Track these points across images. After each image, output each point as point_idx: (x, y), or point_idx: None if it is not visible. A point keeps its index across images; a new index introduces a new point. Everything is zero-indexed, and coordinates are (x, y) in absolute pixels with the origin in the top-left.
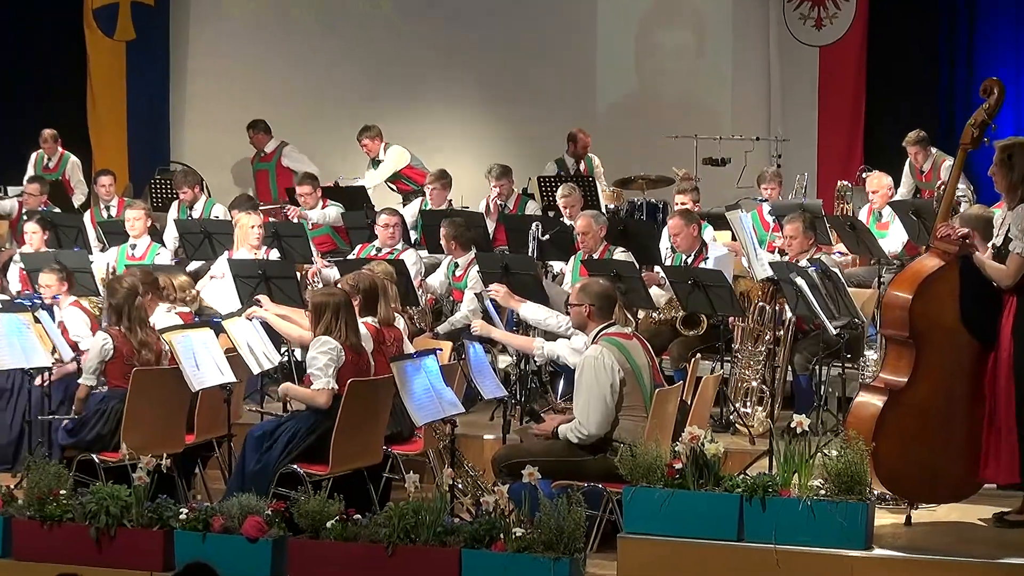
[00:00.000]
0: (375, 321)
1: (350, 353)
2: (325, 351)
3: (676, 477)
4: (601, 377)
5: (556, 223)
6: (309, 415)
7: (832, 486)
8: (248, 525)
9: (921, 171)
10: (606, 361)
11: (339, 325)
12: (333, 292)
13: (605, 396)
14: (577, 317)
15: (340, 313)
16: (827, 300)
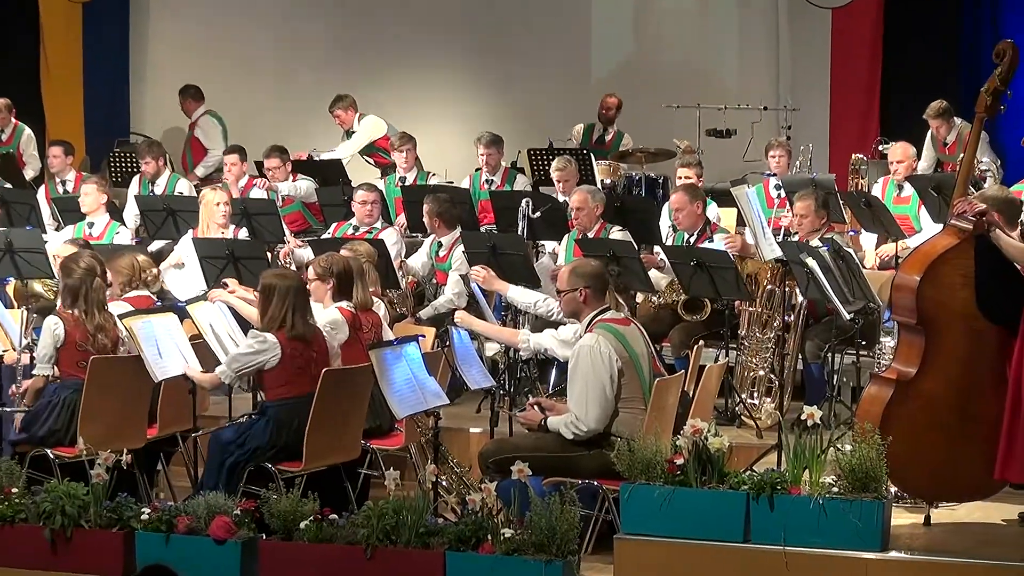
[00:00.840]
0: (351, 306)
1: (294, 344)
2: (255, 349)
3: (677, 474)
4: (598, 368)
5: (548, 199)
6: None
7: (846, 483)
8: (215, 526)
9: (944, 143)
10: (603, 350)
11: (284, 312)
12: (284, 274)
13: (603, 388)
14: (570, 304)
15: (288, 299)
16: (840, 282)
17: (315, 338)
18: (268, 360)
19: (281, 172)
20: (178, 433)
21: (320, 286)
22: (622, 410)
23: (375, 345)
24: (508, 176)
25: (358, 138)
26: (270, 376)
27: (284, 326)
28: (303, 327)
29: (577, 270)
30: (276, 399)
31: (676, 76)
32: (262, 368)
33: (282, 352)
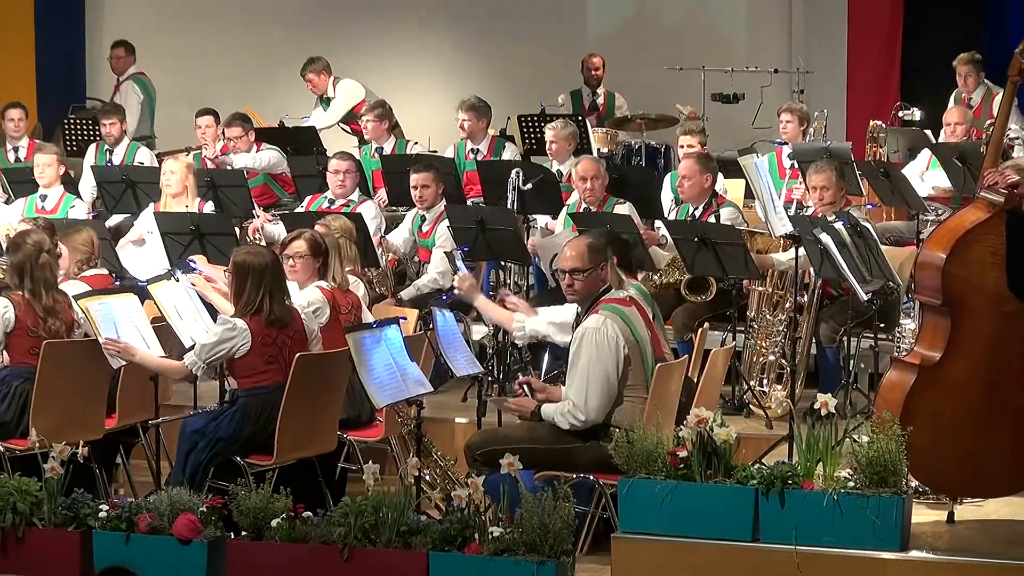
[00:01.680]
0: (329, 285)
1: (267, 330)
2: (224, 337)
3: (680, 467)
4: (603, 353)
5: (540, 170)
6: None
7: (863, 477)
8: (179, 524)
9: (969, 105)
10: (610, 334)
11: (260, 296)
12: (258, 252)
13: (607, 375)
14: (591, 284)
15: (263, 280)
16: (857, 260)
17: (292, 322)
18: (237, 348)
19: (243, 142)
20: (139, 424)
21: (309, 263)
22: (624, 399)
23: (353, 328)
24: (496, 145)
25: (338, 105)
26: (241, 364)
27: (260, 311)
28: (280, 311)
29: (594, 244)
30: (247, 388)
31: (679, 36)
32: (231, 357)
33: (252, 339)
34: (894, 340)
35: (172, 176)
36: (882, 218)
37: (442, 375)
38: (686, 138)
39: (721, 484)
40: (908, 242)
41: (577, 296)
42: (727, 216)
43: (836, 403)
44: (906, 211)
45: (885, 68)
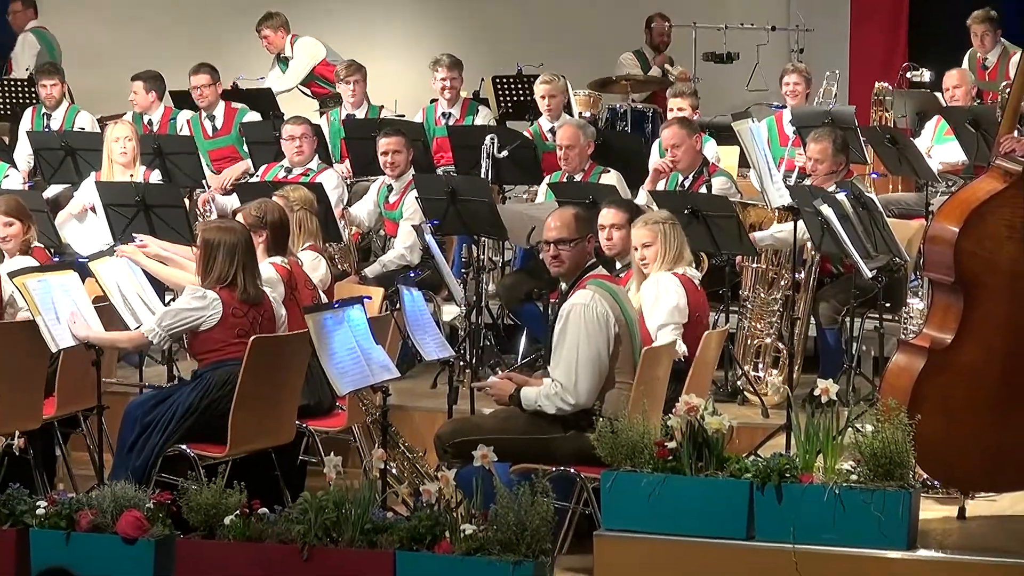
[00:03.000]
0: (285, 262)
1: (242, 308)
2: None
3: (668, 459)
4: (592, 331)
5: (516, 136)
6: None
7: (866, 470)
8: (124, 522)
9: (984, 66)
10: (599, 310)
11: (233, 272)
12: (230, 227)
13: (598, 355)
14: (577, 256)
15: (236, 255)
16: (861, 233)
17: (263, 303)
18: (206, 319)
19: (210, 92)
20: (80, 412)
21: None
22: (613, 383)
23: (312, 309)
24: (468, 108)
25: (298, 65)
26: (207, 338)
27: (234, 286)
28: (254, 289)
29: (583, 216)
30: (212, 363)
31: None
32: (196, 329)
33: (223, 310)
34: (901, 321)
35: (128, 143)
36: (888, 189)
37: (410, 359)
38: (675, 101)
39: (713, 477)
40: (916, 215)
41: (562, 269)
42: (719, 186)
43: (838, 389)
44: (914, 181)
45: (892, 25)
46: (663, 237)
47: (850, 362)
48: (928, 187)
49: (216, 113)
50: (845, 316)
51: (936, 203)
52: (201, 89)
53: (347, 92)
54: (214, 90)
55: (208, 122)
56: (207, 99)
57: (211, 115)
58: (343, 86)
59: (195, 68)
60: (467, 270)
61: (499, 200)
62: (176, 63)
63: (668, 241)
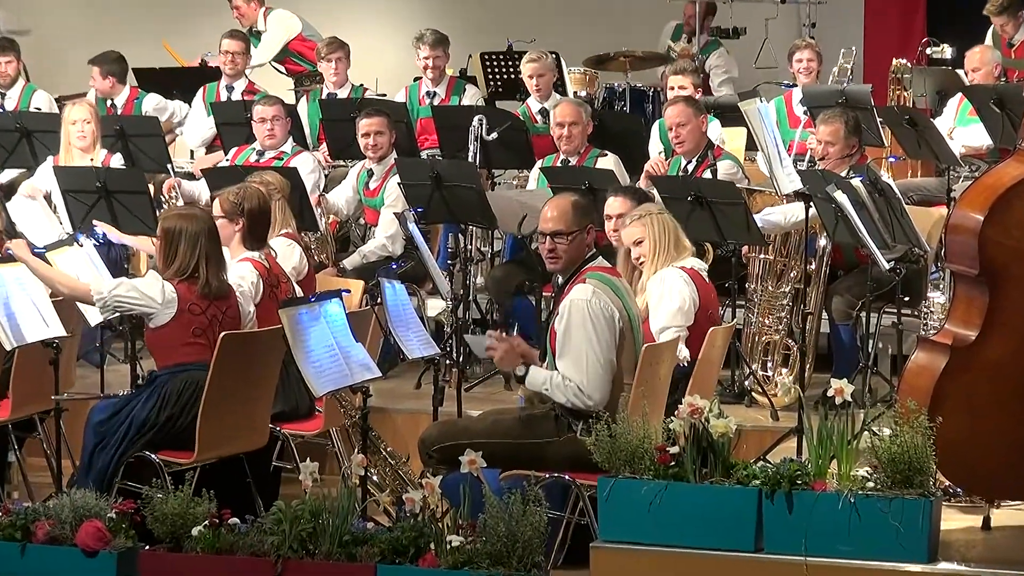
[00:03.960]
0: (263, 257)
1: (202, 304)
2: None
3: (670, 465)
4: (600, 328)
5: (506, 116)
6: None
7: (884, 477)
8: (84, 533)
9: (1010, 43)
10: (603, 305)
11: (195, 263)
12: (192, 214)
13: (609, 354)
14: (576, 250)
15: (199, 245)
16: (878, 222)
17: (228, 297)
18: (156, 315)
19: (242, 59)
20: (36, 415)
21: (226, 227)
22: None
23: (286, 303)
24: (455, 87)
25: (271, 39)
26: (162, 335)
27: (195, 278)
28: (217, 282)
29: (582, 205)
30: (169, 366)
31: None
32: (143, 318)
33: (179, 307)
34: (921, 316)
35: (86, 126)
36: (907, 174)
37: (392, 358)
38: (676, 79)
39: (718, 485)
40: (937, 201)
41: (559, 265)
42: (725, 170)
43: (853, 390)
44: (935, 165)
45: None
46: (652, 230)
47: (866, 360)
48: (950, 172)
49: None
50: (860, 311)
51: (958, 189)
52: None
53: (328, 71)
54: (245, 59)
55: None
56: (240, 66)
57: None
58: (324, 64)
59: (227, 33)
60: (453, 261)
61: (488, 186)
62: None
63: (659, 233)
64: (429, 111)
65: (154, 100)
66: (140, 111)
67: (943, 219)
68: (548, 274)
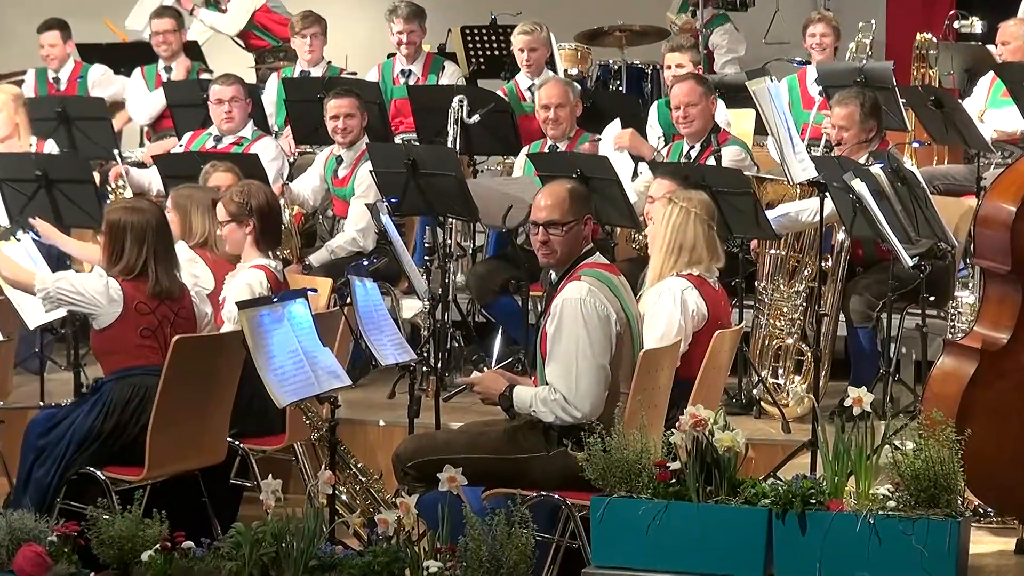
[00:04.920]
0: (276, 265)
1: (150, 303)
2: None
3: (671, 482)
4: (593, 330)
5: (489, 97)
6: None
7: (907, 495)
8: (22, 558)
9: None
10: (598, 305)
11: (143, 261)
12: (138, 207)
13: (601, 359)
14: (572, 243)
15: (146, 242)
16: (900, 214)
17: (181, 297)
18: (101, 311)
19: (58, 52)
20: None
21: (236, 231)
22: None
23: (247, 304)
24: (432, 65)
25: (240, 7)
26: (108, 337)
27: (144, 277)
28: (168, 281)
29: (579, 193)
30: (116, 371)
31: None
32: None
33: (125, 306)
34: (947, 318)
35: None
36: (933, 161)
37: (363, 364)
38: (673, 56)
39: (724, 505)
40: (966, 191)
41: (552, 260)
42: (731, 157)
43: (872, 399)
44: (963, 151)
45: None
46: (672, 224)
47: (887, 367)
48: (980, 158)
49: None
50: (881, 312)
51: (989, 177)
52: (48, 51)
53: (303, 47)
54: (62, 49)
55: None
56: (53, 63)
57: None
58: (298, 40)
59: (42, 26)
60: (431, 257)
61: (469, 174)
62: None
63: (677, 232)
64: (404, 91)
65: (99, 71)
66: (86, 86)
67: (972, 211)
68: (536, 272)
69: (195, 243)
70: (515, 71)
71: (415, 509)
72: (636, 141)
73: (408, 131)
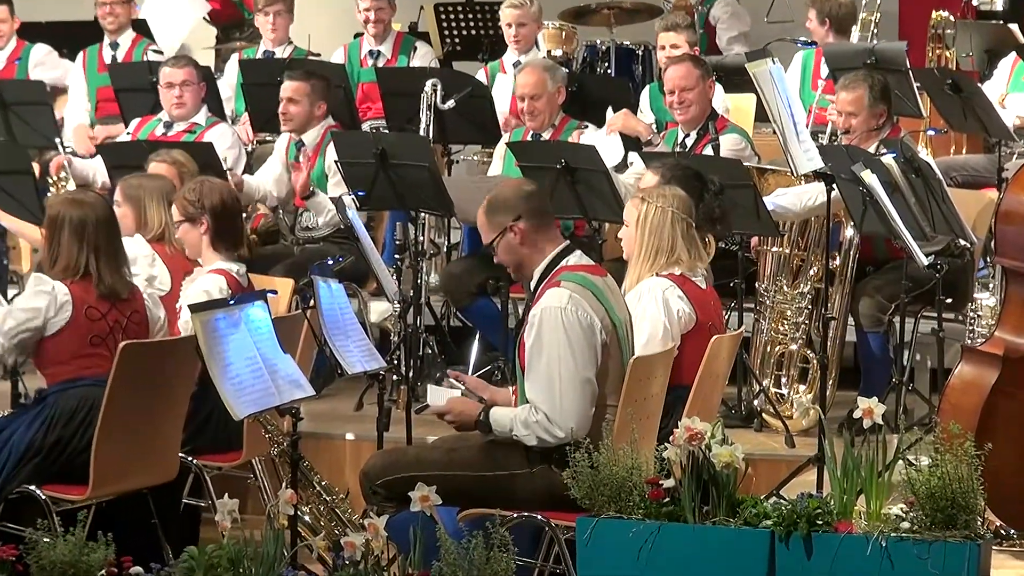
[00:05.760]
0: (236, 267)
1: (100, 307)
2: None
3: (664, 501)
4: (576, 341)
5: (466, 80)
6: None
7: (922, 515)
8: None
9: None
10: (580, 313)
11: (84, 259)
12: (78, 200)
13: (585, 372)
14: (509, 253)
15: (86, 238)
16: (915, 209)
17: (132, 299)
18: (52, 318)
19: (7, 28)
20: None
21: (190, 231)
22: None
23: (200, 306)
24: (403, 45)
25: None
26: (53, 345)
27: (88, 278)
28: (115, 281)
29: (493, 203)
30: (62, 382)
31: None
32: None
33: (74, 309)
34: (966, 322)
35: None
36: (950, 150)
37: (328, 373)
38: (667, 36)
39: (722, 526)
40: (986, 183)
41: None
42: (730, 146)
43: (884, 411)
44: (983, 140)
45: None
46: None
47: (900, 375)
48: (1001, 147)
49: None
50: (893, 315)
51: (1011, 168)
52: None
53: (266, 26)
54: (8, 26)
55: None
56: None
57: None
58: (260, 18)
59: None
60: (402, 256)
61: (443, 165)
62: None
63: (654, 230)
64: (372, 74)
65: (42, 51)
66: (27, 66)
67: (993, 204)
68: None
69: (152, 236)
70: (495, 52)
71: (384, 531)
72: (631, 121)
73: (377, 118)
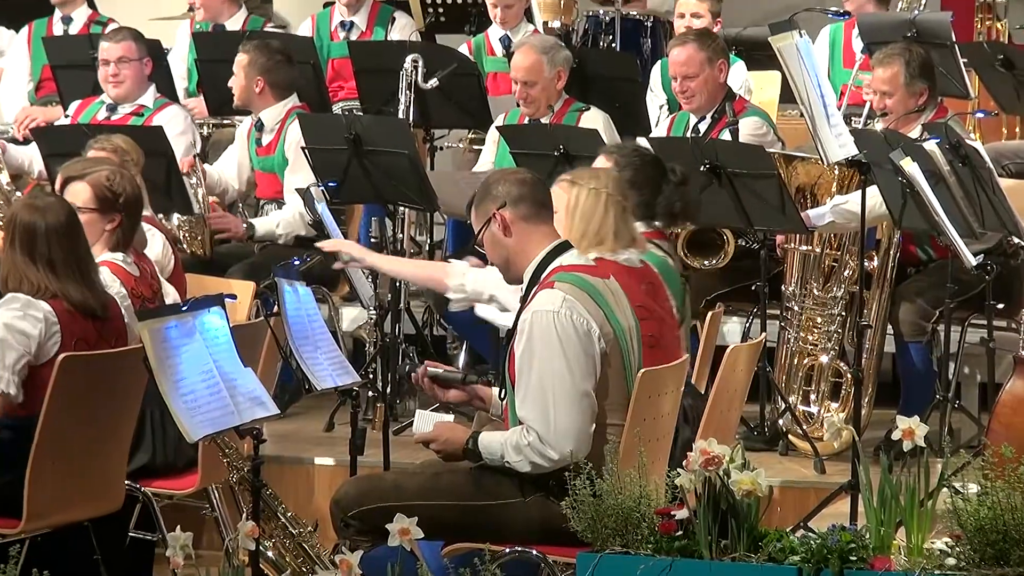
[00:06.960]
0: (129, 261)
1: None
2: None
3: (676, 534)
4: (571, 349)
5: (451, 56)
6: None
7: (970, 550)
8: None
9: None
10: (575, 318)
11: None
12: (40, 206)
13: (582, 385)
14: (496, 250)
15: (53, 245)
16: (961, 202)
17: (109, 309)
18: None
19: None
20: None
21: (97, 222)
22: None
23: (148, 314)
24: (379, 15)
25: None
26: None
27: (62, 294)
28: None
29: (481, 189)
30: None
31: None
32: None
33: (62, 331)
34: (1020, 330)
35: None
36: (1001, 135)
37: (294, 388)
38: (689, 3)
39: (743, 562)
40: None
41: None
42: (750, 130)
43: (927, 431)
44: None
45: None
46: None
47: (944, 391)
48: None
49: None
50: (937, 323)
51: None
52: None
53: None
54: None
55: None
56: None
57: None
58: None
59: None
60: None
61: (426, 151)
62: None
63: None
64: (344, 49)
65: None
66: None
67: None
68: None
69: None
70: (482, 24)
71: (359, 568)
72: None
73: (350, 98)
